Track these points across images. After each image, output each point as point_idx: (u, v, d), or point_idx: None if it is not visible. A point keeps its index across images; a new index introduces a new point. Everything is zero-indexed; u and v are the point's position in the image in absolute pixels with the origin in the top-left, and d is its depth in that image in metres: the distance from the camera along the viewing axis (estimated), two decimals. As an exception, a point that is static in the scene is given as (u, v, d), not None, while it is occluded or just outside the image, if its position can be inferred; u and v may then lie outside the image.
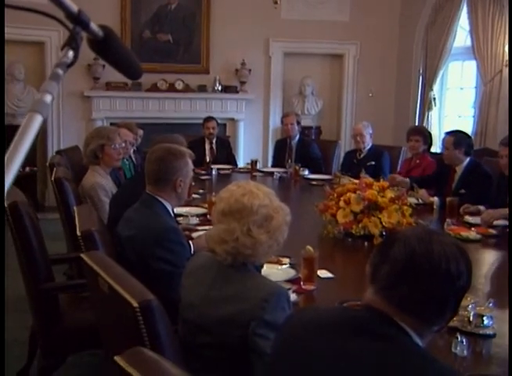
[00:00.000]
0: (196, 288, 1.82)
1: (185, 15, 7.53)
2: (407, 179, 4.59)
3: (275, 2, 5.18)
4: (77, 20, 0.96)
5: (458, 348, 1.78)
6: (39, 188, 7.11)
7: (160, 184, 2.51)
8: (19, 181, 4.19)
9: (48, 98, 0.88)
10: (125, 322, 1.48)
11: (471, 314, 1.94)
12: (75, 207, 2.58)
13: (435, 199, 4.21)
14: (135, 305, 1.40)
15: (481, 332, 1.92)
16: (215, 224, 1.85)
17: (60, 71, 0.94)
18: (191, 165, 2.62)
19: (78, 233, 2.16)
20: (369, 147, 5.56)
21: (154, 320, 1.42)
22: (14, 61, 6.87)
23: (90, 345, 2.67)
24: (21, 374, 2.97)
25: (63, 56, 0.97)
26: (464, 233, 3.32)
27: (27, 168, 6.56)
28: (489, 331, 1.93)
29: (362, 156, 5.57)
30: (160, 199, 2.51)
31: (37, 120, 0.84)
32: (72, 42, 0.96)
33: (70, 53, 0.96)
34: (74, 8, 0.93)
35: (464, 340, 1.79)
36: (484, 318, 1.93)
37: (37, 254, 2.56)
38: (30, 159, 6.66)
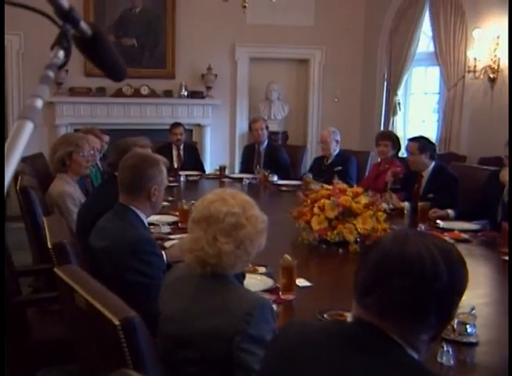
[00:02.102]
0: (176, 301, 1.75)
1: (151, 18, 7.43)
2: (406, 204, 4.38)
3: (244, 6, 5.14)
4: (68, 17, 0.90)
5: (444, 357, 1.76)
6: (7, 196, 6.89)
7: (133, 193, 2.42)
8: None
9: (39, 103, 0.82)
10: (105, 340, 1.41)
11: (455, 322, 1.92)
12: (44, 218, 2.48)
13: (406, 204, 4.23)
14: (117, 322, 1.33)
15: (464, 340, 1.91)
16: (188, 232, 1.80)
17: (51, 73, 0.88)
18: (165, 173, 2.54)
19: (49, 246, 2.06)
20: (336, 153, 5.57)
21: (137, 338, 1.35)
22: None
23: (60, 359, 2.59)
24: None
25: (53, 57, 0.91)
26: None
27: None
28: (473, 339, 1.92)
29: (329, 162, 5.58)
30: (134, 209, 2.43)
31: (28, 127, 0.78)
32: (62, 41, 0.91)
33: (61, 53, 0.90)
34: (66, 4, 0.87)
35: (450, 349, 1.77)
36: (468, 326, 1.92)
37: (4, 267, 2.44)
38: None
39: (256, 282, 2.52)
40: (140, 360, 1.36)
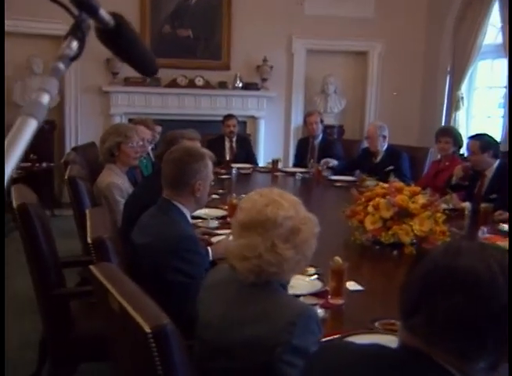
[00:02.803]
0: (215, 306, 1.64)
1: (206, 10, 7.36)
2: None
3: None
4: (84, 5, 0.82)
5: None
6: (56, 184, 7.00)
7: (177, 188, 2.33)
8: (36, 177, 4.06)
9: (45, 98, 0.73)
10: (136, 346, 1.32)
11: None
12: (87, 211, 2.42)
13: (467, 204, 3.99)
14: (148, 330, 1.23)
15: None
16: (235, 237, 1.65)
17: (62, 65, 0.79)
18: (211, 167, 2.43)
19: (89, 241, 1.99)
20: (384, 149, 5.33)
21: (169, 348, 1.24)
22: (32, 55, 6.76)
23: (104, 354, 2.53)
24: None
25: (65, 47, 0.82)
26: (501, 243, 3.10)
27: (44, 164, 6.45)
28: None
29: (378, 159, 5.34)
30: (178, 204, 2.33)
31: (31, 125, 0.69)
32: (77, 31, 0.82)
33: (74, 44, 0.81)
34: None
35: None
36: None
37: (47, 259, 2.41)
38: (47, 154, 6.57)
39: (304, 284, 2.39)
40: (171, 371, 1.26)
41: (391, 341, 1.41)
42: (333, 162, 5.60)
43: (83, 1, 0.82)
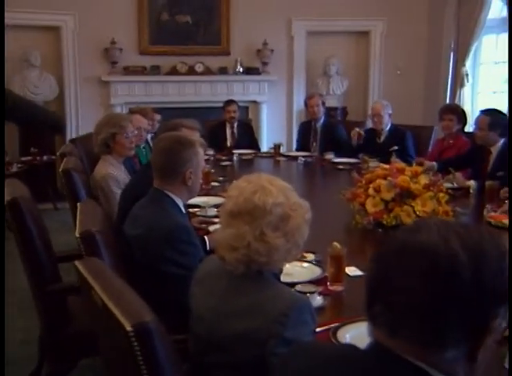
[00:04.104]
0: (206, 299, 1.59)
1: (204, -6, 7.25)
2: (433, 163, 4.25)
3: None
4: None
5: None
6: (58, 177, 6.96)
7: (168, 177, 2.27)
8: (38, 170, 4.00)
9: None
10: (120, 345, 1.26)
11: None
12: (78, 204, 2.36)
13: (472, 182, 3.90)
14: (129, 328, 1.17)
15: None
16: (223, 227, 1.59)
17: None
18: (202, 155, 2.36)
19: (77, 234, 1.94)
20: (388, 128, 5.24)
21: (152, 346, 1.18)
22: (30, 47, 6.70)
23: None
24: (33, 377, 2.81)
25: None
26: (506, 221, 3.03)
27: (45, 157, 6.40)
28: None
29: (382, 139, 5.25)
30: (170, 194, 2.27)
31: None
32: None
33: None
34: None
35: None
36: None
37: (41, 254, 2.36)
38: (48, 147, 6.52)
39: (302, 271, 2.34)
40: (155, 369, 1.21)
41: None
42: (330, 156, 5.45)
43: None
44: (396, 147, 4.96)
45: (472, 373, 0.97)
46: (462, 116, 4.82)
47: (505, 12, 6.32)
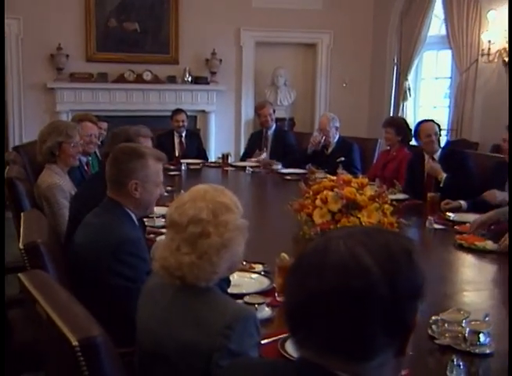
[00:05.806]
0: (152, 311, 1.57)
1: (153, 2, 7.23)
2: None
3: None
4: None
5: (454, 371, 1.56)
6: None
7: (114, 187, 2.23)
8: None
9: None
10: (66, 359, 1.24)
11: (466, 331, 1.73)
12: (22, 214, 2.30)
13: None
14: (75, 342, 1.16)
15: (477, 351, 1.71)
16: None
17: None
18: (156, 168, 2.29)
19: (21, 246, 1.89)
20: (336, 140, 5.34)
21: (99, 361, 1.17)
22: None
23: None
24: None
25: None
26: (480, 243, 2.91)
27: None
28: (487, 350, 1.71)
29: (330, 151, 5.34)
30: (122, 204, 2.23)
31: None
32: None
33: None
34: None
35: (461, 363, 1.57)
36: (481, 335, 1.72)
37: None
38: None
39: (251, 282, 2.35)
40: (104, 385, 1.19)
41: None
42: (277, 166, 5.51)
43: None
44: (343, 158, 5.05)
45: (401, 365, 0.99)
46: (401, 128, 4.93)
47: (444, 31, 6.57)
